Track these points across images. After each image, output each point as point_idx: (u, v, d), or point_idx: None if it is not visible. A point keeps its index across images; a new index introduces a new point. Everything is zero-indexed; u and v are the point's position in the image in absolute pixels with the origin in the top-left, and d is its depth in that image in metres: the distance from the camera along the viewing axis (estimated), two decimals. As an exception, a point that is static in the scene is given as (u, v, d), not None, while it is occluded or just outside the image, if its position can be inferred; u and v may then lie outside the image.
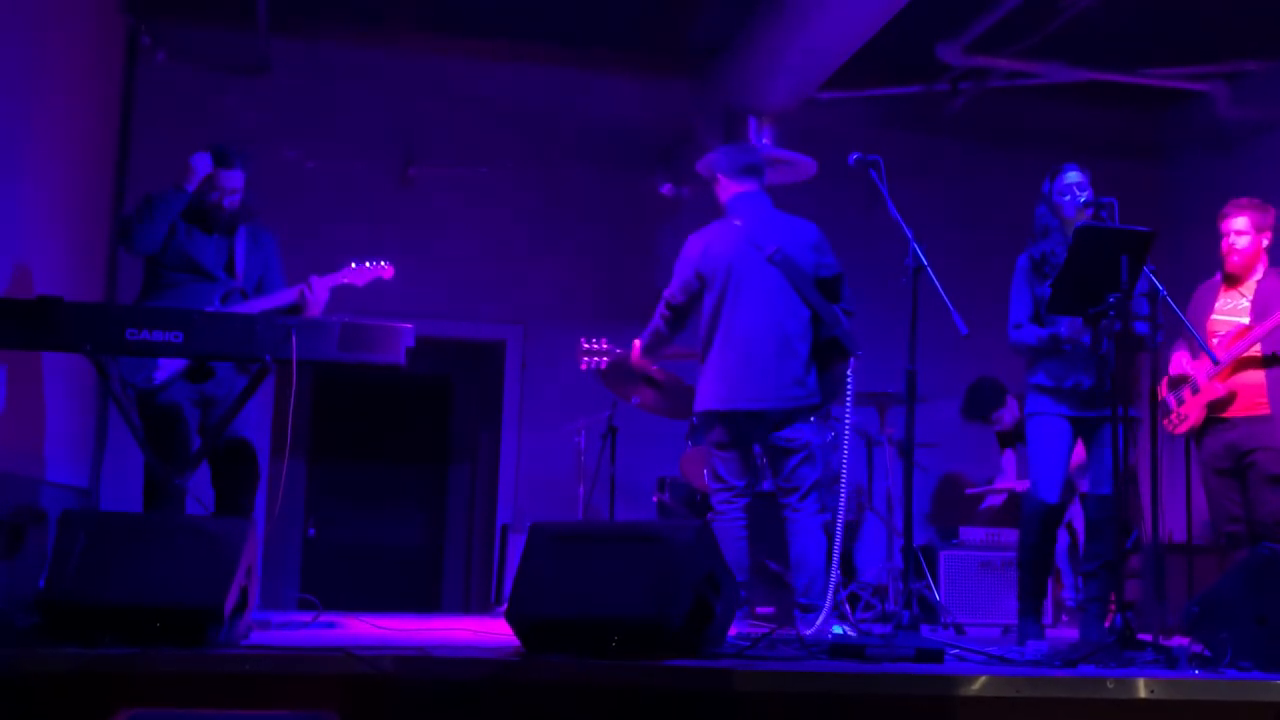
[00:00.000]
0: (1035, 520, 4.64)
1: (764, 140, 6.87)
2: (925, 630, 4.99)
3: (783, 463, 4.73)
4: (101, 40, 6.92)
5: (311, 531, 8.23)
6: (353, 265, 5.02)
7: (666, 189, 7.92)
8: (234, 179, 4.86)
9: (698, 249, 4.84)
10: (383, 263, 5.08)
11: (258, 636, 3.90)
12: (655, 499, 6.58)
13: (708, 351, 4.78)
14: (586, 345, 5.55)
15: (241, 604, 3.62)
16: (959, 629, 5.92)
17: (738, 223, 4.79)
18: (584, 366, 5.54)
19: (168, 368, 4.73)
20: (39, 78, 5.60)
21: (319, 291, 4.89)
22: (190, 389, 4.76)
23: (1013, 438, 7.19)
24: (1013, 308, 4.77)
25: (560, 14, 7.47)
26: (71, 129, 6.25)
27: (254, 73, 7.44)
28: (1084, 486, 4.84)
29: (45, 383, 5.96)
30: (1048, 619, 6.78)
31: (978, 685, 3.18)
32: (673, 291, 4.90)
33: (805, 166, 6.94)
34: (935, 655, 3.54)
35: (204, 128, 7.24)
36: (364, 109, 7.66)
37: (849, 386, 4.68)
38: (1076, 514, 6.10)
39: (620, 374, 6.33)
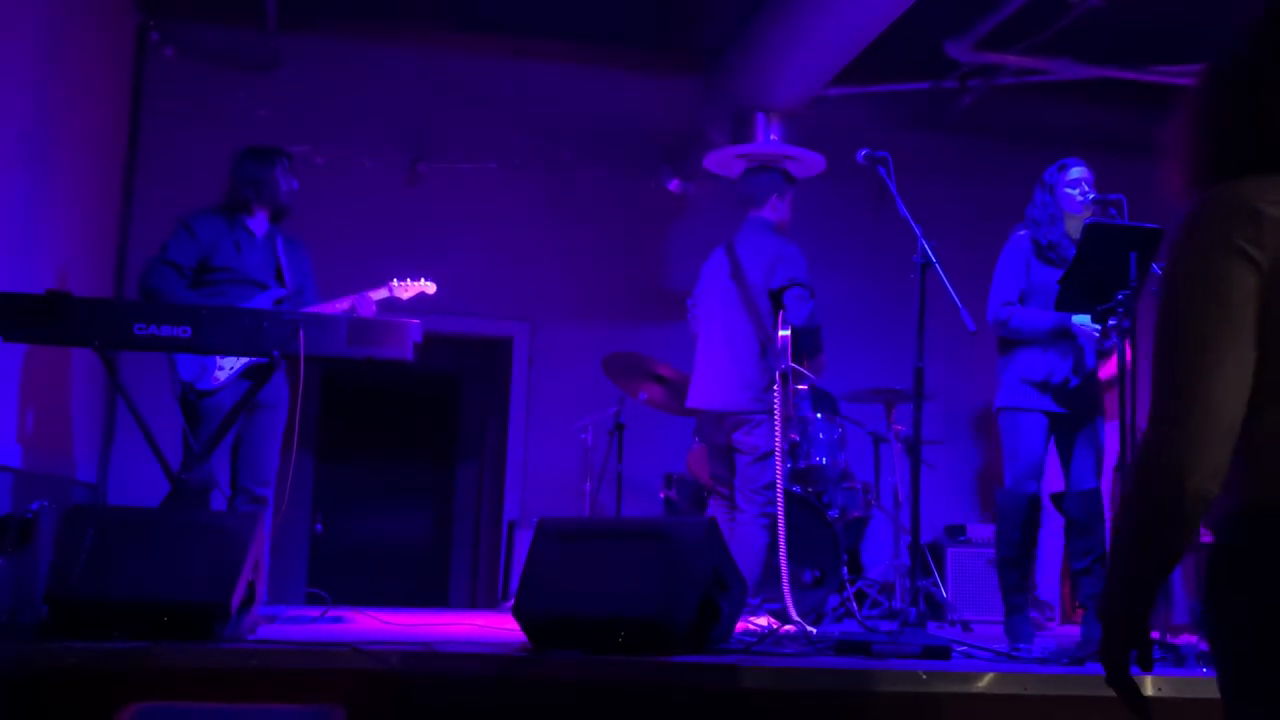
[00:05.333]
0: (1020, 513, 4.51)
1: (772, 137, 6.86)
2: (932, 627, 4.98)
3: (734, 463, 5.13)
4: (111, 36, 6.93)
5: (319, 527, 8.24)
6: (395, 282, 5.26)
7: (674, 186, 7.91)
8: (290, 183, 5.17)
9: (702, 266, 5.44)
10: (423, 280, 5.32)
11: (265, 631, 3.91)
12: (662, 495, 6.57)
13: (693, 356, 5.35)
14: None
15: (248, 599, 3.63)
16: (966, 626, 5.91)
17: (726, 244, 5.30)
18: None
19: (230, 369, 4.76)
20: (49, 73, 5.61)
21: (369, 305, 5.07)
22: (244, 390, 4.69)
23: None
24: (1002, 284, 4.61)
25: (569, 11, 7.47)
26: (81, 124, 6.25)
27: (263, 69, 7.45)
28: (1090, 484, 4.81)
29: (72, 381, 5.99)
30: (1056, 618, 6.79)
31: (985, 682, 3.18)
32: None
33: (813, 163, 6.93)
34: (942, 652, 3.53)
35: (213, 124, 7.28)
36: (373, 106, 7.66)
37: (776, 395, 4.91)
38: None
39: (627, 369, 6.35)
